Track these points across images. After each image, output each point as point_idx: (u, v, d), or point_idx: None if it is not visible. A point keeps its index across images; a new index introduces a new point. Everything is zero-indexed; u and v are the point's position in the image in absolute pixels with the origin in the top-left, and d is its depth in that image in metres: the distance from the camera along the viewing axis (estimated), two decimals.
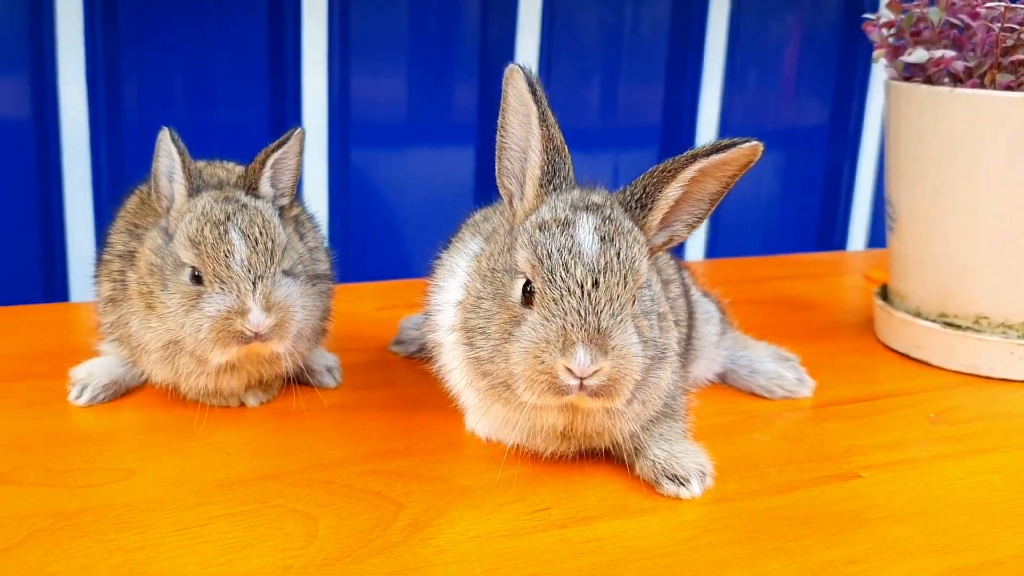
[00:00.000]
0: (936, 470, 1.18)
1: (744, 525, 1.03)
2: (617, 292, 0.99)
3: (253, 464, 1.13)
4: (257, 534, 0.98)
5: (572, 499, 1.07)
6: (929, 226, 1.52)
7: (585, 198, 1.06)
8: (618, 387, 0.98)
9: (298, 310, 1.20)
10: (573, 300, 0.98)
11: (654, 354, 1.05)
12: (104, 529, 0.98)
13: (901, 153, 1.55)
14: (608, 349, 0.97)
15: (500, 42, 2.09)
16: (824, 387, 1.41)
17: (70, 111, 1.81)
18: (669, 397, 1.13)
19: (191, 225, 1.17)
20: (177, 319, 1.17)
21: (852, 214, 2.57)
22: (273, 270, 1.17)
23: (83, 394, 1.26)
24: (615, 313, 0.98)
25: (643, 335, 1.02)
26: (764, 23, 2.33)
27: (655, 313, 1.07)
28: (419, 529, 1.00)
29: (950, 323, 1.51)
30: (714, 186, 1.07)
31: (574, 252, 1.00)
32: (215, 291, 1.15)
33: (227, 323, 1.14)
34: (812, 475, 1.15)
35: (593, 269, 0.99)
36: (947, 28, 1.49)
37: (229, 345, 1.16)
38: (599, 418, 1.05)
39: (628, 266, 1.00)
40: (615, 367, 0.97)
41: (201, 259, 1.15)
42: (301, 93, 1.95)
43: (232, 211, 1.17)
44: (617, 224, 1.03)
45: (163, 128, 1.19)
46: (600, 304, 0.98)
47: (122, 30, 1.81)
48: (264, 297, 1.15)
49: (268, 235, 1.17)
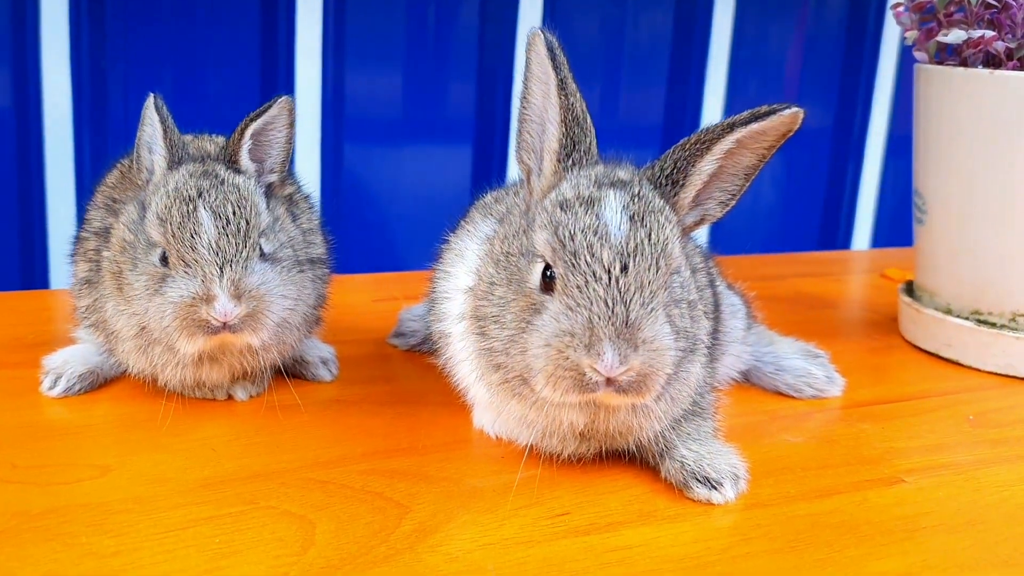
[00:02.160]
0: (983, 476, 1.09)
1: (784, 533, 0.94)
2: (648, 278, 0.89)
3: (242, 462, 1.03)
4: (247, 539, 0.88)
5: (593, 504, 0.98)
6: (962, 218, 1.43)
7: (610, 174, 0.97)
8: (648, 383, 0.89)
9: (276, 299, 1.08)
10: (599, 287, 0.88)
11: (685, 346, 0.95)
12: (75, 531, 0.88)
13: (932, 141, 1.46)
14: (638, 343, 0.87)
15: (499, 39, 2.02)
16: (852, 387, 1.32)
17: (54, 98, 1.74)
18: (697, 394, 1.03)
19: (161, 201, 1.06)
20: (141, 303, 1.06)
21: (857, 214, 2.51)
22: (246, 254, 1.05)
23: (57, 384, 1.16)
24: (646, 302, 0.89)
25: (674, 325, 0.93)
26: (767, 25, 2.29)
27: (686, 301, 0.97)
28: (427, 535, 0.90)
29: (984, 321, 1.43)
30: (750, 159, 0.98)
31: (600, 233, 0.90)
32: (179, 275, 1.04)
33: (191, 310, 1.03)
34: (852, 479, 1.06)
35: (622, 252, 0.89)
36: (983, 8, 1.41)
37: (195, 335, 1.05)
38: (623, 416, 0.96)
39: (660, 249, 0.91)
40: (645, 362, 0.88)
41: (167, 239, 1.05)
42: (294, 86, 1.87)
43: (206, 187, 1.07)
44: (647, 202, 0.93)
45: (150, 94, 1.09)
46: (629, 292, 0.88)
47: (108, 17, 1.74)
48: (232, 283, 1.04)
49: (243, 215, 1.06)
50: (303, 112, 1.88)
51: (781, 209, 2.46)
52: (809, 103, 2.39)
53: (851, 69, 2.40)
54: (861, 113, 2.45)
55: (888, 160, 2.49)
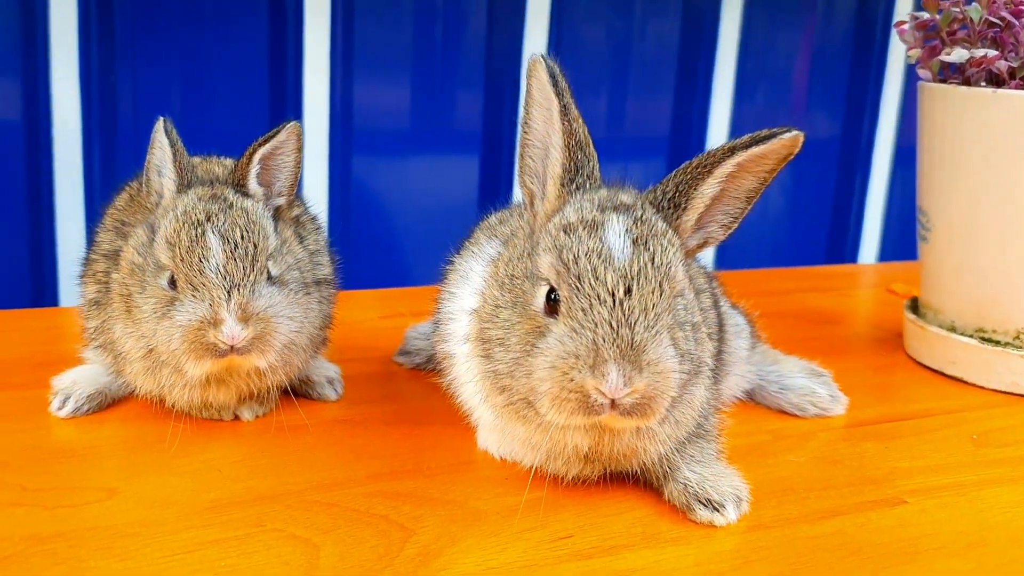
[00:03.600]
0: (987, 497, 1.09)
1: (787, 555, 0.94)
2: (652, 301, 0.90)
3: (248, 484, 1.04)
4: (252, 562, 0.89)
5: (597, 527, 0.98)
6: (966, 235, 1.43)
7: (613, 198, 0.98)
8: (653, 405, 0.89)
9: (283, 321, 1.09)
10: (604, 310, 0.89)
11: (690, 368, 0.96)
12: (82, 555, 0.88)
13: (936, 159, 1.47)
14: (643, 365, 0.88)
15: (506, 50, 2.02)
16: (856, 405, 1.32)
17: (63, 114, 1.75)
18: (701, 416, 1.04)
19: (170, 225, 1.07)
20: (149, 326, 1.07)
21: (864, 228, 2.51)
22: (253, 278, 1.06)
23: (66, 405, 1.17)
24: (650, 324, 0.89)
25: (679, 347, 0.93)
26: (775, 35, 2.28)
27: (690, 324, 0.98)
28: (431, 559, 0.91)
29: (988, 339, 1.43)
30: (751, 182, 0.98)
31: (604, 256, 0.91)
32: (188, 298, 1.05)
33: (199, 334, 1.04)
34: (854, 500, 1.06)
35: (625, 275, 0.90)
36: (986, 27, 1.41)
37: (203, 358, 1.06)
38: (628, 439, 0.96)
39: (663, 272, 0.92)
40: (650, 385, 0.88)
41: (175, 263, 1.06)
42: (302, 98, 1.87)
43: (214, 211, 1.08)
44: (650, 225, 0.94)
45: (159, 118, 1.10)
46: (634, 314, 0.89)
47: (118, 31, 1.74)
48: (240, 307, 1.05)
49: (250, 239, 1.07)
50: (311, 126, 1.89)
51: (788, 222, 2.45)
52: (816, 115, 2.41)
53: (858, 81, 2.40)
54: (868, 125, 2.45)
55: (895, 172, 2.48)
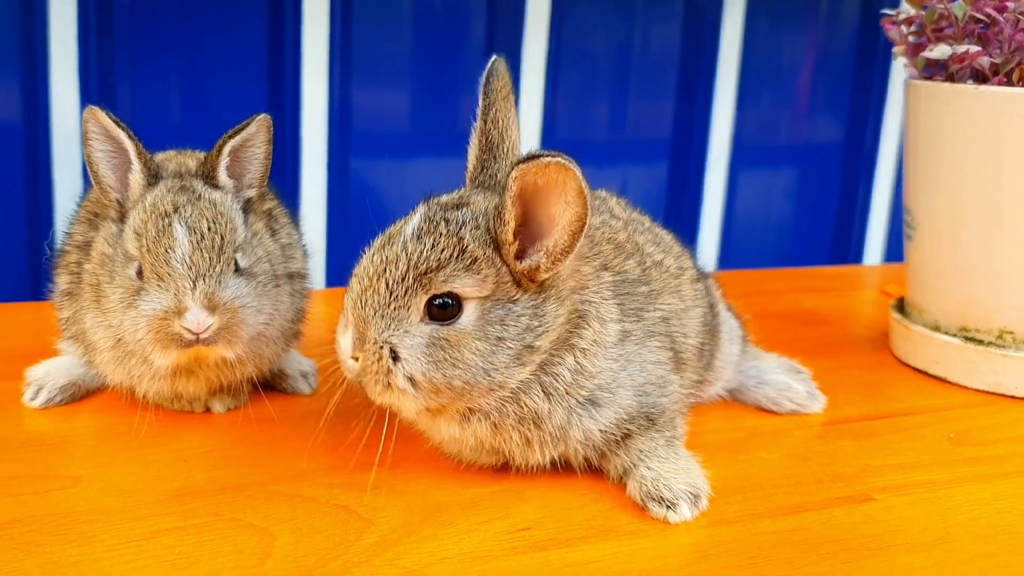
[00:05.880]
0: (956, 494, 1.08)
1: (745, 550, 0.94)
2: None
3: (213, 474, 1.04)
4: (207, 550, 0.89)
5: (557, 519, 0.98)
6: (949, 234, 1.42)
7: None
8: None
9: (250, 313, 1.10)
10: None
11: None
12: (39, 540, 0.89)
13: (920, 156, 1.46)
14: None
15: (506, 52, 2.01)
16: (836, 404, 1.31)
17: (62, 114, 1.75)
18: (651, 406, 1.03)
19: (138, 216, 1.08)
20: (117, 316, 1.08)
21: (868, 229, 2.49)
22: (219, 268, 1.07)
23: (38, 395, 1.18)
24: None
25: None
26: (778, 37, 2.27)
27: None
28: (385, 548, 0.91)
29: (971, 338, 1.42)
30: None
31: None
32: (153, 288, 1.05)
33: (164, 323, 1.05)
34: (821, 497, 1.06)
35: None
36: (971, 23, 1.40)
37: (168, 347, 1.06)
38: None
39: None
40: None
41: (142, 253, 1.06)
42: (300, 100, 1.88)
43: (182, 203, 1.08)
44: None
45: (90, 107, 1.08)
46: None
47: (117, 33, 1.75)
48: (205, 296, 1.05)
49: (217, 231, 1.08)
50: (310, 128, 1.89)
51: (792, 224, 2.44)
52: (820, 118, 2.40)
53: (862, 83, 2.38)
54: (872, 126, 2.44)
55: (900, 174, 2.47)
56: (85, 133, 1.09)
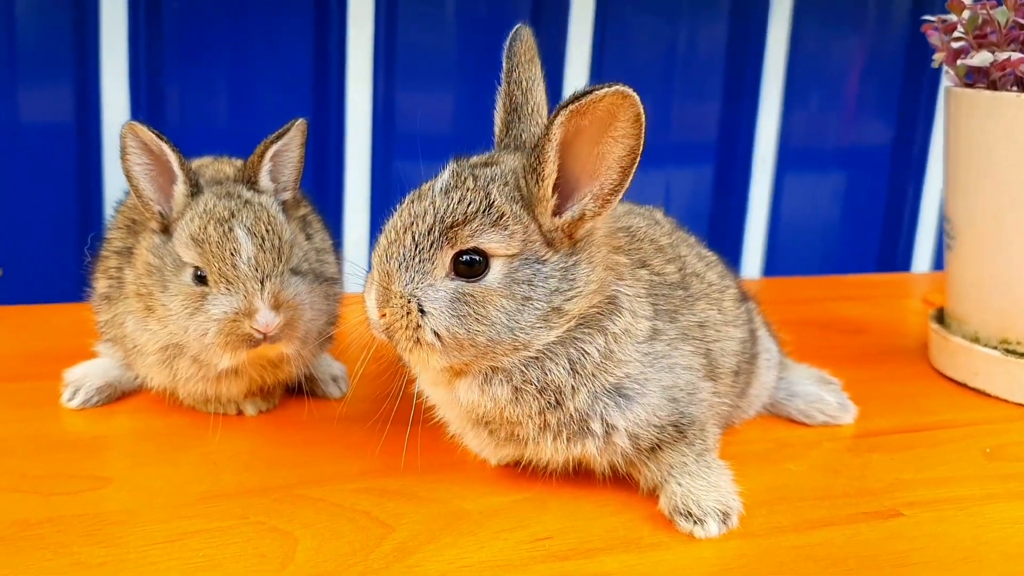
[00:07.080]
0: (988, 511, 1.06)
1: (767, 565, 0.93)
2: None
3: (241, 477, 1.06)
4: (230, 553, 0.91)
5: (578, 529, 0.98)
6: (991, 244, 1.39)
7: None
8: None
9: (307, 309, 1.13)
10: None
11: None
12: (67, 541, 0.91)
13: (961, 165, 1.43)
14: None
15: (551, 55, 2.02)
16: (869, 415, 1.29)
17: (112, 116, 1.79)
18: (678, 414, 1.01)
19: (193, 223, 1.10)
20: (181, 322, 1.10)
21: (917, 235, 2.45)
22: (281, 268, 1.10)
23: (75, 396, 1.21)
24: None
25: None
26: (826, 38, 2.24)
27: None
28: (406, 555, 0.92)
29: (1012, 350, 1.39)
30: (615, 148, 0.91)
31: None
32: (221, 292, 1.08)
33: (235, 325, 1.07)
34: (848, 511, 1.04)
35: None
36: (1014, 29, 1.37)
37: (238, 348, 1.09)
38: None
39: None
40: None
41: (205, 258, 1.08)
42: (345, 104, 1.89)
43: (236, 208, 1.11)
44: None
45: (130, 123, 1.10)
46: None
47: (166, 37, 1.78)
48: (272, 296, 1.08)
49: (275, 232, 1.11)
50: (354, 132, 1.91)
51: (838, 229, 2.41)
52: (868, 120, 2.37)
53: (911, 86, 2.34)
54: (922, 131, 2.39)
55: None
56: (123, 148, 1.11)
